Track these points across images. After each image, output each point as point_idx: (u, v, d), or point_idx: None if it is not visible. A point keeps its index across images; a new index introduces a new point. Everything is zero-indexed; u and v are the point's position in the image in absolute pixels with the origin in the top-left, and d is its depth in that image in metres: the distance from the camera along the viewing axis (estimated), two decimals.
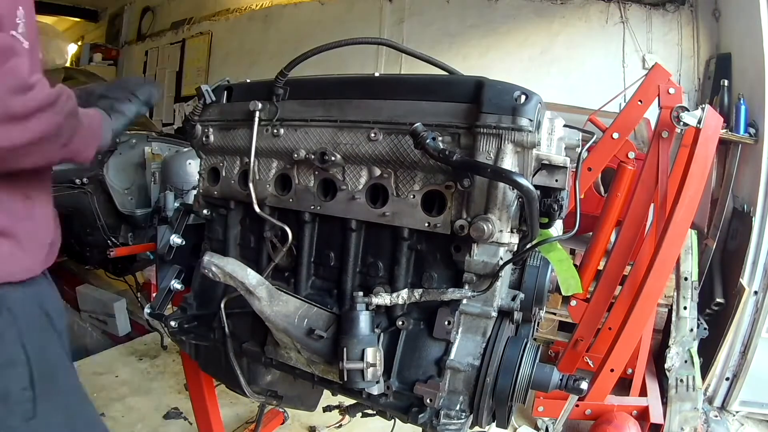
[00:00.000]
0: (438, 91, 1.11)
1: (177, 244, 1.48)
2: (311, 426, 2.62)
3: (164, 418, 2.69)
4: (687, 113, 2.08)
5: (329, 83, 1.30)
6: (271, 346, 1.30)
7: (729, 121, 3.19)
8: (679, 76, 3.90)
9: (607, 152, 2.41)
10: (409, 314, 1.16)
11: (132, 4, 7.90)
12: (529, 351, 1.08)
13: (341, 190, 1.20)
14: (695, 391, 2.59)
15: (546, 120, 1.08)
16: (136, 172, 3.78)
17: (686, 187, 2.08)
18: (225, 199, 1.40)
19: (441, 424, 1.09)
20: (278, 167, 1.30)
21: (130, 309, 3.98)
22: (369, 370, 1.05)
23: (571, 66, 4.31)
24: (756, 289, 2.88)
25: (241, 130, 1.33)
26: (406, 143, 1.10)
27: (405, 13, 5.09)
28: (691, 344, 2.64)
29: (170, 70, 7.12)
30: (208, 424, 1.93)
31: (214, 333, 1.40)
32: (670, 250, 2.15)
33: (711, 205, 3.41)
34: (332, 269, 1.26)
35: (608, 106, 2.63)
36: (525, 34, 4.51)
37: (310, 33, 5.51)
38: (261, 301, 1.14)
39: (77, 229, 3.70)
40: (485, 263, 1.05)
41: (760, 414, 2.99)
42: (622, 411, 2.46)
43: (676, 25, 3.99)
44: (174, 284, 1.48)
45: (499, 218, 1.03)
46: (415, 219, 1.12)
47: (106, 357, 3.35)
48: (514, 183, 0.95)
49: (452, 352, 1.09)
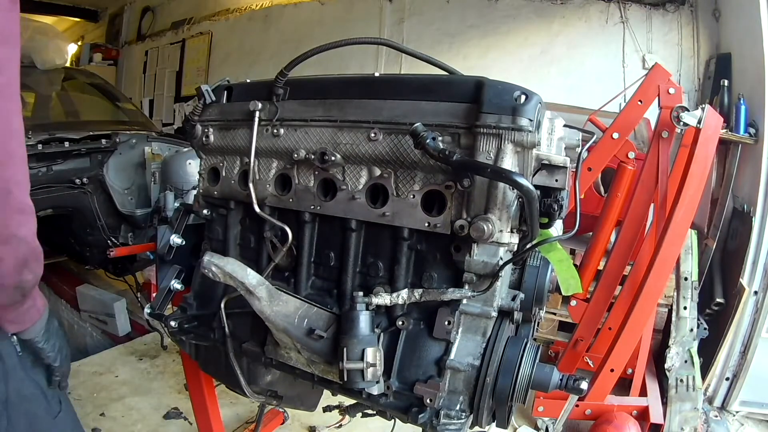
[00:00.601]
0: (438, 91, 1.11)
1: (177, 244, 1.48)
2: (311, 426, 2.62)
3: (164, 418, 2.69)
4: (687, 113, 2.08)
5: (329, 83, 1.30)
6: (271, 346, 1.30)
7: (729, 121, 3.19)
8: (679, 76, 3.90)
9: (607, 152, 2.41)
10: (409, 314, 1.16)
11: (132, 4, 7.91)
12: (529, 351, 1.08)
13: (341, 190, 1.20)
14: (695, 391, 2.59)
15: (546, 120, 1.08)
16: (136, 172, 3.79)
17: (686, 187, 2.08)
18: (225, 199, 1.40)
19: (441, 424, 1.08)
20: (278, 167, 1.30)
21: (130, 309, 3.98)
22: (369, 370, 1.05)
23: (571, 66, 4.31)
24: (756, 289, 2.88)
25: (241, 130, 1.33)
26: (406, 143, 1.10)
27: (405, 13, 5.09)
28: (691, 344, 2.64)
29: (170, 70, 7.12)
30: (208, 424, 1.93)
31: (214, 333, 1.40)
32: (670, 250, 2.15)
33: (711, 205, 3.41)
34: (332, 269, 1.26)
35: (608, 106, 2.63)
36: (525, 34, 4.51)
37: (310, 33, 5.52)
38: (261, 301, 1.14)
39: (77, 229, 3.71)
40: (485, 263, 1.05)
41: (760, 414, 2.99)
42: (622, 411, 2.46)
43: (676, 25, 3.99)
44: (174, 284, 1.48)
45: (499, 218, 1.03)
46: (415, 219, 1.12)
47: (106, 357, 3.35)
48: (514, 183, 0.95)
49: (452, 352, 1.09)
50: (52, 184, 3.41)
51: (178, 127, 6.02)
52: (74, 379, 3.00)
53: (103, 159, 3.64)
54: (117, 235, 3.76)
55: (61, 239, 3.85)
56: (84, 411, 2.70)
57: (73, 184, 3.49)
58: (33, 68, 3.84)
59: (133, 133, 3.82)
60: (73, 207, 3.56)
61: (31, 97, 3.88)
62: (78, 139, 3.42)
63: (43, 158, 3.30)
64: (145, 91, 7.49)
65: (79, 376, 3.03)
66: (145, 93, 7.47)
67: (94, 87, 4.41)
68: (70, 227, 3.70)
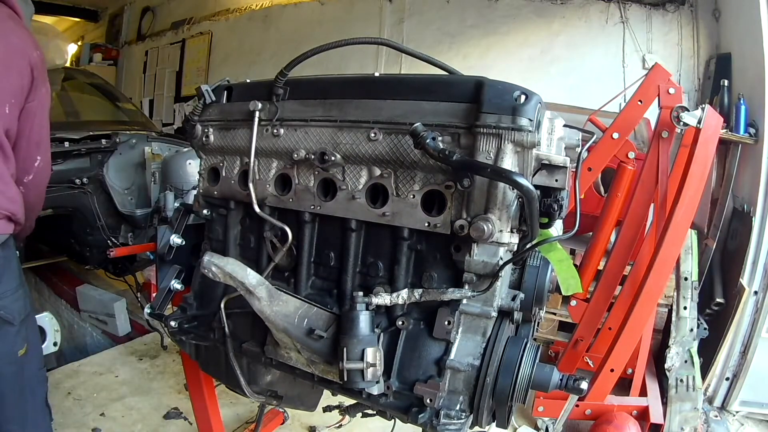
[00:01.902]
0: (438, 91, 1.11)
1: (177, 244, 1.48)
2: (311, 426, 2.62)
3: (164, 418, 2.69)
4: (687, 113, 2.08)
5: (329, 83, 1.30)
6: (271, 346, 1.30)
7: (729, 121, 3.19)
8: (679, 76, 3.90)
9: (607, 152, 2.41)
10: (409, 314, 1.16)
11: (132, 4, 7.91)
12: (529, 351, 1.08)
13: (341, 190, 1.20)
14: (695, 391, 2.59)
15: (546, 120, 1.08)
16: (136, 172, 3.79)
17: (686, 187, 2.08)
18: (225, 199, 1.40)
19: (441, 424, 1.08)
20: (278, 167, 1.30)
21: (130, 309, 3.98)
22: (369, 370, 1.05)
23: (571, 66, 4.31)
24: (756, 289, 2.88)
25: (241, 130, 1.33)
26: (406, 143, 1.10)
27: (405, 13, 5.09)
28: (691, 344, 2.63)
29: (170, 70, 7.12)
30: (208, 424, 1.93)
31: (214, 333, 1.40)
32: (670, 250, 2.15)
33: (711, 205, 3.41)
34: (332, 269, 1.26)
35: (608, 106, 2.63)
36: (525, 34, 4.51)
37: (310, 33, 5.52)
38: (261, 301, 1.14)
39: (77, 229, 3.70)
40: (485, 263, 1.05)
41: (760, 414, 2.99)
42: (622, 411, 2.46)
43: (676, 25, 3.99)
44: (174, 284, 1.48)
45: (499, 218, 1.03)
46: (415, 219, 1.12)
47: (106, 357, 3.35)
48: (514, 183, 0.95)
49: (452, 352, 1.09)
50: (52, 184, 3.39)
51: (178, 127, 6.03)
52: (74, 379, 3.00)
53: (103, 159, 3.63)
54: (117, 235, 3.76)
55: (61, 239, 3.85)
56: (84, 411, 2.71)
57: (73, 184, 3.49)
58: None
59: (133, 133, 3.82)
60: (73, 207, 3.55)
61: None
62: (78, 139, 3.41)
63: None
64: (145, 91, 7.50)
65: (79, 376, 3.03)
66: (145, 93, 7.47)
67: (94, 87, 4.41)
68: (70, 227, 3.70)
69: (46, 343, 2.57)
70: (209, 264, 1.14)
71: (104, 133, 3.61)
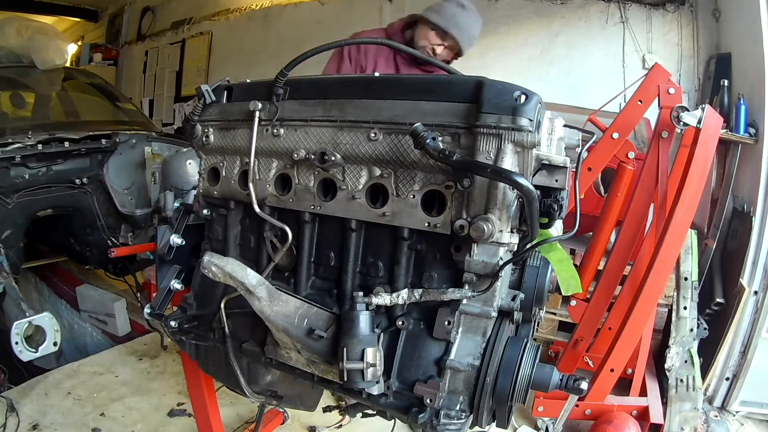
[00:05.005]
0: (438, 91, 1.11)
1: (177, 244, 1.48)
2: (311, 426, 2.62)
3: (169, 415, 2.70)
4: (687, 113, 2.08)
5: (329, 83, 1.30)
6: (271, 346, 1.30)
7: (729, 121, 3.19)
8: (679, 76, 3.90)
9: (607, 152, 2.41)
10: (409, 314, 1.16)
11: (132, 4, 7.91)
12: (529, 351, 1.08)
13: (341, 190, 1.20)
14: (695, 391, 2.59)
15: (546, 120, 1.08)
16: (136, 172, 3.79)
17: (686, 187, 2.08)
18: (225, 199, 1.40)
19: (441, 424, 1.08)
20: (278, 167, 1.30)
21: (130, 309, 3.98)
22: (369, 370, 1.05)
23: (571, 66, 4.30)
24: (756, 289, 2.87)
25: (241, 130, 1.33)
26: (406, 143, 1.10)
27: (405, 13, 5.07)
28: (691, 344, 2.64)
29: (170, 70, 7.12)
30: (208, 424, 1.93)
31: (214, 333, 1.40)
32: (670, 250, 2.15)
33: (711, 205, 3.41)
34: (332, 269, 1.26)
35: (608, 106, 2.63)
36: (525, 34, 4.51)
37: (310, 33, 5.51)
38: (261, 301, 1.14)
39: (77, 229, 3.71)
40: (485, 263, 1.05)
41: (760, 414, 2.98)
42: (622, 411, 2.46)
43: (676, 25, 3.99)
44: (174, 284, 1.48)
45: (499, 218, 1.03)
46: (415, 219, 1.11)
47: (106, 357, 3.35)
48: (514, 183, 0.95)
49: (452, 352, 1.09)
50: (52, 184, 3.41)
51: (178, 127, 6.03)
52: (74, 379, 3.00)
53: (103, 159, 3.64)
54: (117, 235, 3.77)
55: (61, 239, 3.86)
56: (84, 411, 2.71)
57: (73, 184, 3.50)
58: (33, 68, 3.85)
59: (133, 133, 3.82)
60: (73, 207, 3.56)
61: (31, 97, 3.88)
62: (78, 139, 3.42)
63: (43, 158, 3.31)
64: (145, 91, 7.49)
65: (79, 376, 3.03)
66: (145, 93, 7.47)
67: (94, 87, 4.42)
68: (70, 227, 3.70)
69: (46, 343, 2.57)
70: (209, 264, 1.14)
71: (104, 133, 3.62)
